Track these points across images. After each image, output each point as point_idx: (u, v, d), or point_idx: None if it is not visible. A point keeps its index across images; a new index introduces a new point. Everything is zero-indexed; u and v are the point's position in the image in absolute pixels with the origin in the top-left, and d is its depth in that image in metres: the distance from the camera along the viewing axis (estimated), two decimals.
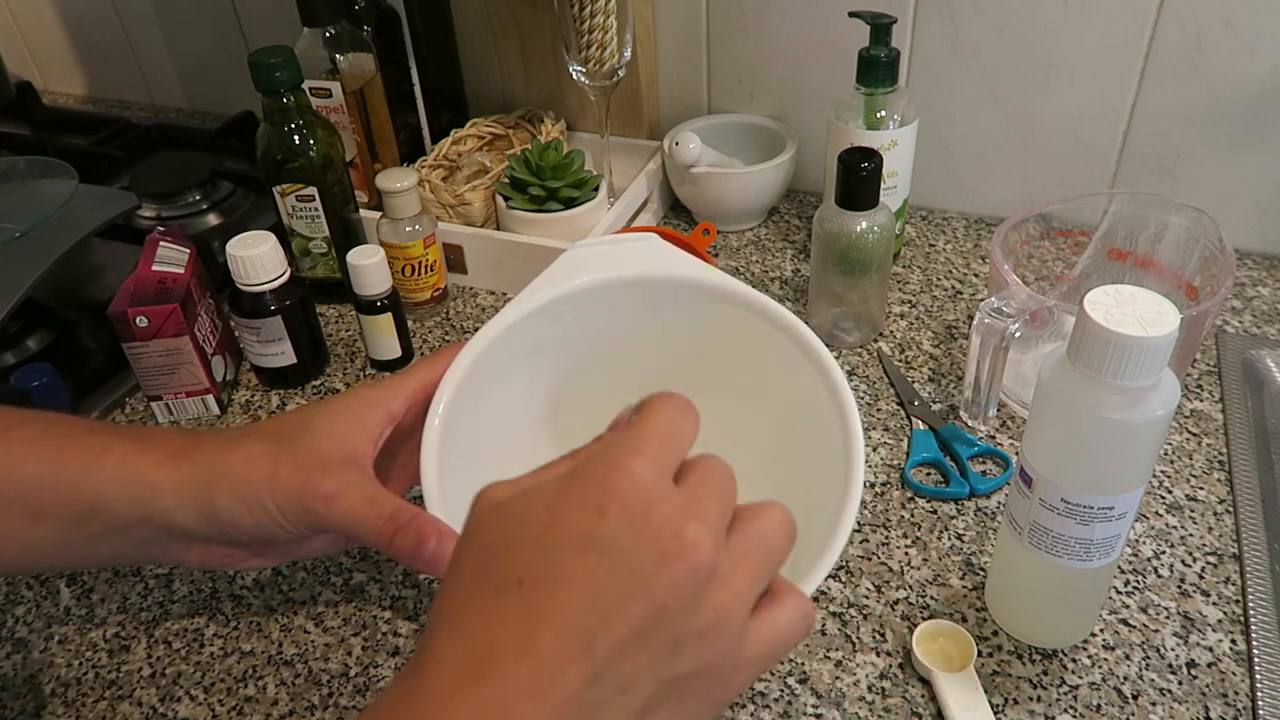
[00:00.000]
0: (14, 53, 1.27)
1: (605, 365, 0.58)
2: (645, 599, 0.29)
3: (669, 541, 0.29)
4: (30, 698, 0.56)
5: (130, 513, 0.46)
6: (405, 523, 0.44)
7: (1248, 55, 0.75)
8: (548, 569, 0.29)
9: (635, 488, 0.30)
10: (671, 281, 0.57)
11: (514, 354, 0.55)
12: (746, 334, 0.56)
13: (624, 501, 0.29)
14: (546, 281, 0.56)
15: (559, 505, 0.30)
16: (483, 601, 0.30)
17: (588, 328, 0.57)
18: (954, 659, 0.53)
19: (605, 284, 0.56)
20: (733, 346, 0.57)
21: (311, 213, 0.79)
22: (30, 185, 0.84)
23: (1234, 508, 0.62)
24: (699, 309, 0.57)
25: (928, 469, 0.66)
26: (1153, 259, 0.70)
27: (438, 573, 0.43)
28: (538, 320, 0.55)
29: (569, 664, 0.28)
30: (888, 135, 0.77)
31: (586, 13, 0.79)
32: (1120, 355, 0.42)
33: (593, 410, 0.57)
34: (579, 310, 0.57)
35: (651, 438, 0.32)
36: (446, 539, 0.43)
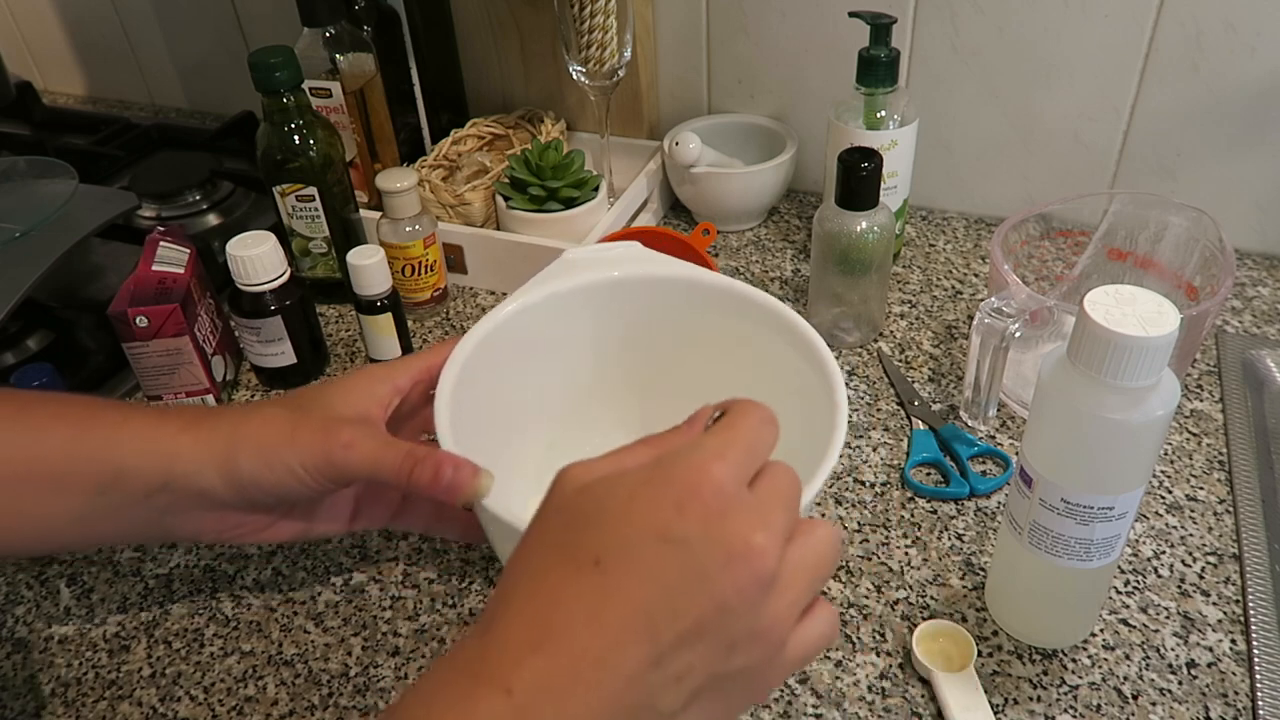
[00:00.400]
0: (14, 53, 1.27)
1: (593, 358, 0.61)
2: (710, 597, 0.31)
3: (738, 546, 0.31)
4: (30, 698, 0.56)
5: (152, 478, 0.47)
6: (422, 457, 0.46)
7: (1248, 55, 0.75)
8: (625, 554, 0.31)
9: (715, 491, 0.32)
10: (653, 279, 0.60)
11: (512, 344, 0.57)
12: (728, 323, 0.58)
13: (703, 502, 0.31)
14: (539, 281, 0.58)
15: (641, 496, 0.32)
16: (560, 574, 0.32)
17: (578, 325, 0.60)
18: (954, 659, 0.53)
19: (593, 284, 0.59)
20: (715, 334, 0.59)
21: (311, 213, 0.79)
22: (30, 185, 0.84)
23: (1234, 508, 0.62)
24: (683, 303, 0.60)
25: (928, 469, 0.66)
26: (1153, 259, 0.70)
27: (454, 500, 0.45)
28: (532, 315, 0.57)
29: (634, 644, 0.30)
30: (888, 135, 0.77)
31: (586, 13, 0.79)
32: (1120, 355, 0.42)
33: (586, 399, 0.60)
34: (572, 307, 0.59)
35: (736, 444, 0.34)
36: (463, 467, 0.45)
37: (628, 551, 0.31)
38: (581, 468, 0.35)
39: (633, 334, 0.61)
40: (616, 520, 0.32)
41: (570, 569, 0.31)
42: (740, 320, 0.58)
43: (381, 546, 0.63)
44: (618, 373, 0.63)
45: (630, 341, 0.61)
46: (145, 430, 0.48)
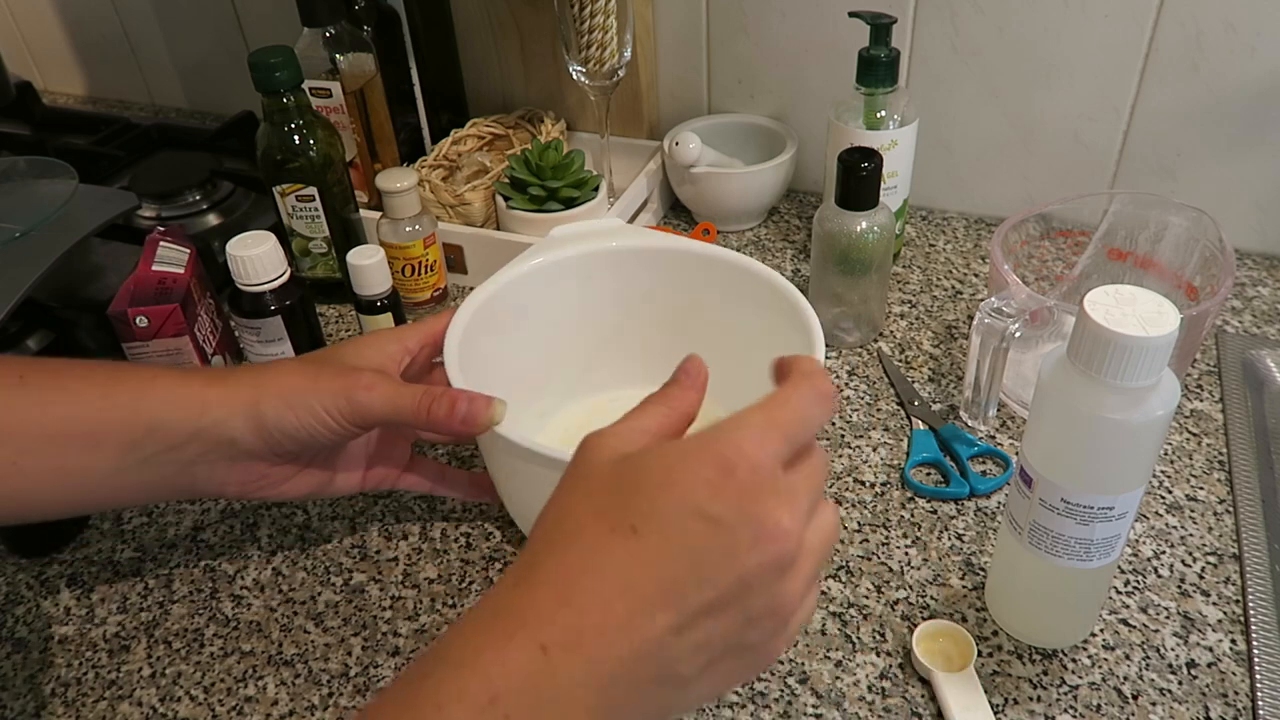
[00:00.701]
0: (14, 53, 1.27)
1: (580, 328, 0.66)
2: (736, 573, 0.33)
3: (768, 527, 0.33)
4: (30, 698, 0.56)
5: (182, 429, 0.49)
6: (439, 394, 0.50)
7: (1248, 55, 0.75)
8: (660, 524, 0.33)
9: (751, 471, 0.33)
10: (642, 250, 0.65)
11: (504, 314, 0.61)
12: (714, 290, 0.63)
13: (739, 482, 0.33)
14: (527, 255, 0.63)
15: (680, 470, 0.33)
16: (595, 536, 0.33)
17: (566, 295, 0.65)
18: (954, 659, 0.53)
19: (580, 255, 0.64)
20: (701, 300, 0.64)
21: (311, 213, 0.79)
22: (30, 185, 0.84)
23: (1234, 508, 0.62)
24: (670, 272, 0.65)
25: (928, 469, 0.66)
26: (1153, 259, 0.70)
27: (471, 430, 0.49)
28: (522, 285, 0.62)
29: (661, 610, 0.32)
30: (888, 135, 0.77)
31: (586, 13, 0.79)
32: (1120, 355, 0.42)
33: (574, 367, 0.66)
34: (559, 278, 0.64)
35: (781, 427, 0.35)
36: (477, 400, 0.49)
37: (664, 523, 0.33)
38: (614, 438, 0.36)
39: (621, 303, 0.65)
40: (655, 492, 0.33)
41: (606, 533, 0.33)
42: (726, 287, 0.62)
43: (381, 546, 0.63)
44: (604, 341, 0.67)
45: (619, 310, 0.66)
46: (173, 386, 0.50)
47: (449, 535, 0.63)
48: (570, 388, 0.68)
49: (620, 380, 0.67)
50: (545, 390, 0.66)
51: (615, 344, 0.67)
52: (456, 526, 0.64)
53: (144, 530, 0.66)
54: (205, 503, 0.67)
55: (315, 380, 0.50)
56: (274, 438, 0.50)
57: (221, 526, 0.65)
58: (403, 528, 0.64)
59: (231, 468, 0.51)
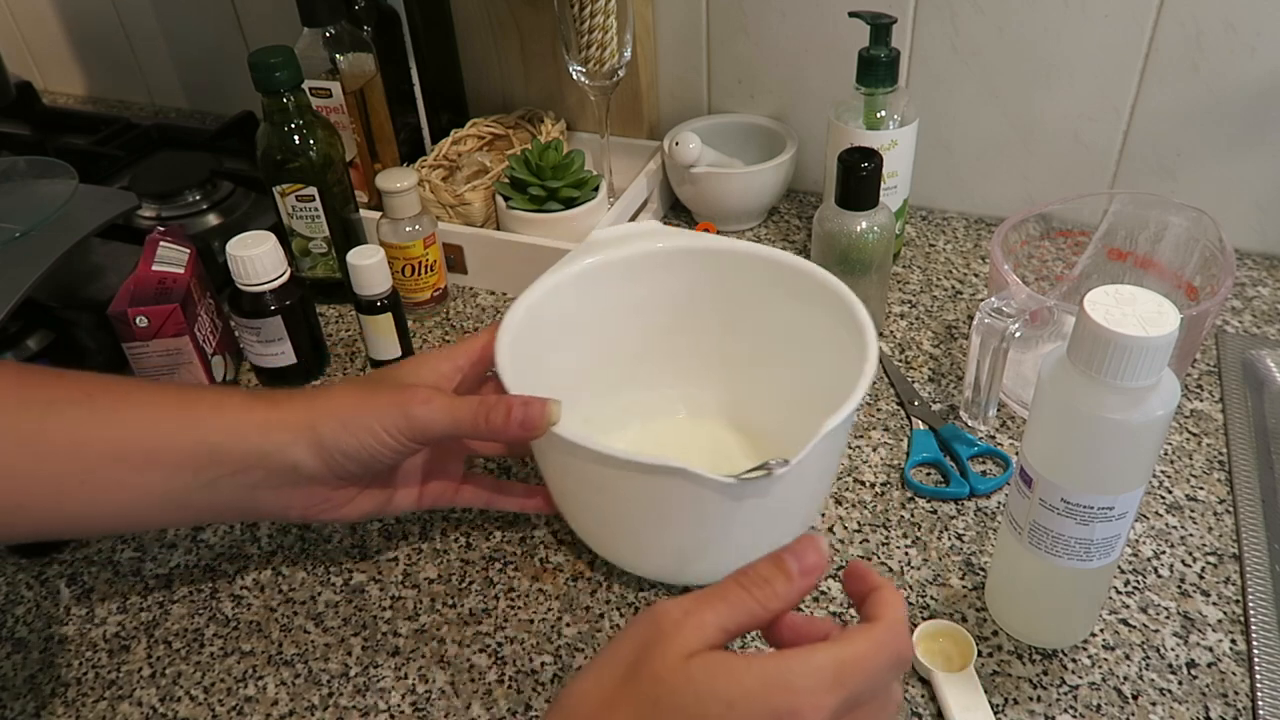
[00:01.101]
0: (14, 53, 1.27)
1: (626, 331, 0.66)
2: None
3: None
4: (30, 698, 0.56)
5: (247, 454, 0.50)
6: (494, 402, 0.51)
7: (1248, 55, 0.75)
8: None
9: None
10: (684, 250, 0.64)
11: (549, 322, 0.61)
12: (761, 289, 0.63)
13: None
14: (570, 260, 0.62)
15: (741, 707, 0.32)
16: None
17: (609, 299, 0.64)
18: (954, 659, 0.53)
19: (626, 257, 0.63)
20: (749, 299, 0.64)
21: (311, 213, 0.79)
22: (30, 185, 0.84)
23: (1234, 508, 0.62)
24: (718, 271, 0.64)
25: (928, 469, 0.66)
26: (1153, 259, 0.70)
27: (530, 433, 0.50)
28: (567, 288, 0.62)
29: None
30: (888, 135, 0.77)
31: (586, 13, 0.79)
32: (1120, 355, 0.42)
33: (620, 373, 0.66)
34: (603, 281, 0.63)
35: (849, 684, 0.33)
36: (533, 404, 0.50)
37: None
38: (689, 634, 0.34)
39: (667, 304, 0.65)
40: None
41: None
42: (774, 285, 0.62)
43: (382, 546, 0.63)
44: (650, 343, 0.67)
45: (664, 312, 0.65)
46: (237, 412, 0.51)
47: (449, 535, 0.63)
48: (617, 391, 0.67)
49: (666, 381, 0.68)
50: (591, 394, 0.65)
51: (660, 346, 0.67)
52: (456, 526, 0.64)
53: (144, 530, 0.66)
54: None
55: (371, 399, 0.51)
56: (335, 460, 0.51)
57: (221, 527, 0.65)
58: (403, 528, 0.64)
59: (295, 492, 0.52)
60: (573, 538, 0.62)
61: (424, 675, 0.55)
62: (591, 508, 0.56)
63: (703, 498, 0.49)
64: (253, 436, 0.50)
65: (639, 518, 0.54)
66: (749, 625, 0.36)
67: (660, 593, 0.59)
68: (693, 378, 0.68)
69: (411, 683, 0.55)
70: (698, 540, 0.53)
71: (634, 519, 0.54)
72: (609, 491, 0.53)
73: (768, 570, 0.36)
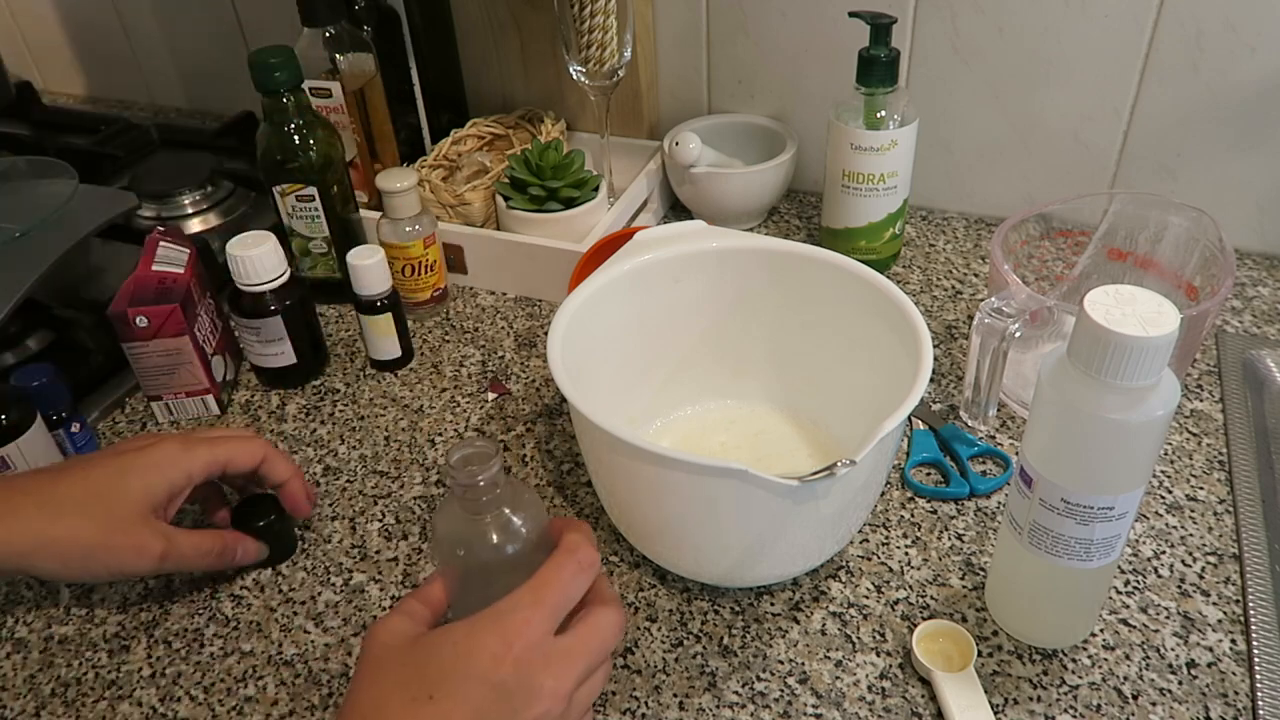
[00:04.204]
0: (14, 53, 1.27)
1: (673, 324, 0.66)
2: None
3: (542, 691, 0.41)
4: (30, 698, 0.56)
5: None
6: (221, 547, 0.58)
7: (1248, 55, 0.75)
8: (452, 691, 0.40)
9: (526, 644, 0.41)
10: (741, 249, 0.64)
11: (597, 316, 0.61)
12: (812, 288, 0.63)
13: (515, 654, 0.41)
14: (617, 261, 0.63)
15: (466, 643, 0.41)
16: (399, 705, 0.40)
17: (654, 295, 0.64)
18: (954, 659, 0.53)
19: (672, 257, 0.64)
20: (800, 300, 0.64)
21: (311, 213, 0.79)
22: (30, 185, 0.84)
23: (1234, 508, 0.62)
24: (771, 271, 0.64)
25: (928, 469, 0.66)
26: (1153, 259, 0.70)
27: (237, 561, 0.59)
28: (613, 290, 0.62)
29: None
30: (888, 135, 0.77)
31: (586, 13, 0.79)
32: (1120, 355, 0.42)
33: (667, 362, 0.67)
34: (651, 280, 0.64)
35: (548, 603, 0.42)
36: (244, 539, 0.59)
37: (455, 689, 0.40)
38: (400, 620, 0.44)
39: (713, 305, 0.65)
40: (448, 664, 0.40)
41: (408, 702, 0.40)
42: (823, 287, 0.62)
43: (381, 546, 0.63)
44: (696, 345, 0.67)
45: (713, 310, 0.66)
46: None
47: None
48: (665, 389, 0.67)
49: (715, 379, 0.68)
50: (639, 393, 0.66)
51: (708, 344, 0.67)
52: None
53: None
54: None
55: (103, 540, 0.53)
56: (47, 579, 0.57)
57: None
58: (403, 528, 0.64)
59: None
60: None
61: None
62: (646, 511, 0.56)
63: (763, 500, 0.49)
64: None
65: (695, 520, 0.53)
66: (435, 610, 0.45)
67: (673, 589, 0.59)
68: (742, 376, 0.68)
69: None
70: (757, 542, 0.53)
71: (690, 521, 0.53)
72: (666, 495, 0.52)
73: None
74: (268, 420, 0.74)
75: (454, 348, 0.80)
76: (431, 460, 0.69)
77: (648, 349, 0.65)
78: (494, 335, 0.81)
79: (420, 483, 0.68)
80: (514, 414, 0.73)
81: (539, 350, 0.79)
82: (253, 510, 0.61)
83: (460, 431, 0.72)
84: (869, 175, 0.78)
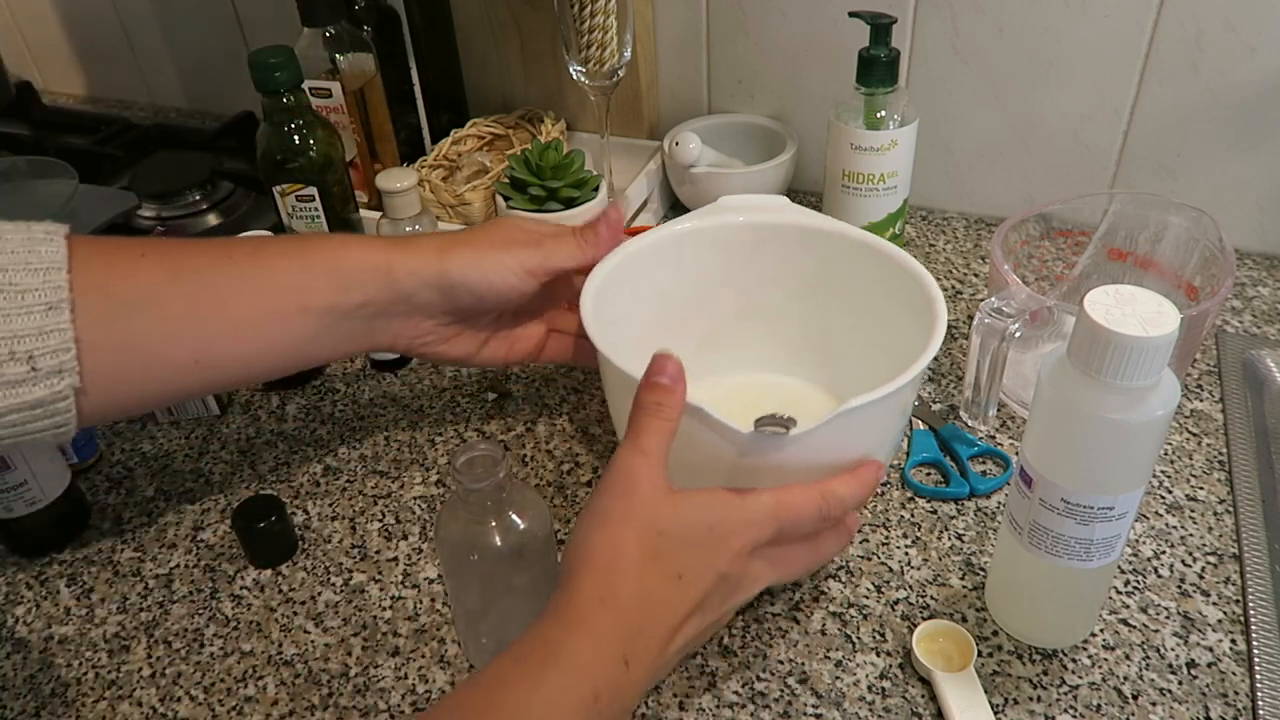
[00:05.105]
0: (14, 53, 1.27)
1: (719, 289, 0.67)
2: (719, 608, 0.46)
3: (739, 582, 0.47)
4: (30, 698, 0.56)
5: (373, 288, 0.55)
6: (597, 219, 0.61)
7: (1248, 55, 0.75)
8: (696, 577, 0.44)
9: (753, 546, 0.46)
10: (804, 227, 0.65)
11: (648, 269, 0.63)
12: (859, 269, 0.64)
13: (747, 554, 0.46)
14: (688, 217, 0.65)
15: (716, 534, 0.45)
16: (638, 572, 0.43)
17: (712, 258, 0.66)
18: (954, 659, 0.53)
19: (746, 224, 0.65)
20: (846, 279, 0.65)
21: (311, 213, 0.79)
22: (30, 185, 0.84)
23: (1234, 508, 0.62)
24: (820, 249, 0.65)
25: (928, 469, 0.66)
26: (1153, 259, 0.70)
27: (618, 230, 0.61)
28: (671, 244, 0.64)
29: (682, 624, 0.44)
30: (888, 135, 0.77)
31: (586, 13, 0.79)
32: (1120, 355, 0.42)
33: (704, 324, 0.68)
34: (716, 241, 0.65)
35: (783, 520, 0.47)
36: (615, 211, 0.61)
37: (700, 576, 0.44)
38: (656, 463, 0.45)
39: (770, 280, 0.66)
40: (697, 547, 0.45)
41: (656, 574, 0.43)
42: (865, 265, 0.62)
43: (381, 546, 0.63)
44: (738, 313, 0.68)
45: (765, 287, 0.67)
46: (362, 251, 0.56)
47: None
48: (699, 354, 0.66)
49: (745, 354, 0.69)
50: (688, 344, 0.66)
51: (741, 320, 0.68)
52: None
53: (144, 530, 0.66)
54: (205, 502, 0.67)
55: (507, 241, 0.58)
56: (455, 292, 0.57)
57: (221, 526, 0.65)
58: (403, 528, 0.64)
59: (406, 323, 0.58)
60: None
61: (424, 675, 0.55)
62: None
63: (718, 446, 0.49)
64: (379, 269, 0.55)
65: (683, 458, 0.51)
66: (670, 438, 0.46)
67: None
68: (777, 350, 0.69)
69: (411, 683, 0.55)
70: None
71: (680, 462, 0.52)
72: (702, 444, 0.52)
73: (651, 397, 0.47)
74: (268, 420, 0.74)
75: None
76: (431, 460, 0.69)
77: (680, 317, 0.66)
78: None
79: (420, 483, 0.68)
80: (514, 414, 0.73)
81: None
82: (253, 510, 0.61)
83: (460, 431, 0.72)
84: (869, 175, 0.78)
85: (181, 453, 0.72)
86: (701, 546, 0.45)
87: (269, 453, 0.71)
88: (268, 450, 0.71)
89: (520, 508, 0.50)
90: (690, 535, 0.44)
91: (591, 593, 0.42)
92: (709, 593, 0.45)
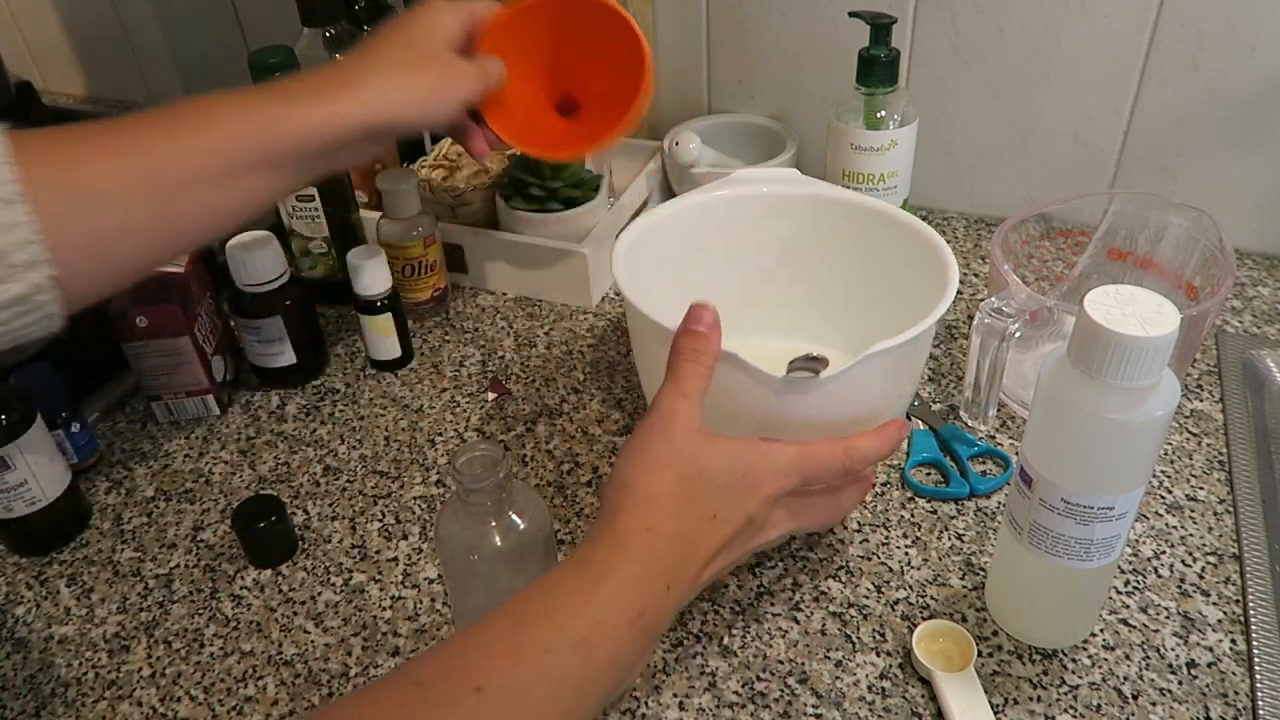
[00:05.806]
0: (14, 53, 1.27)
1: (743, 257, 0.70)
2: (743, 547, 0.49)
3: (761, 527, 0.49)
4: (30, 698, 0.56)
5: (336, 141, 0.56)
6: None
7: (1248, 55, 0.75)
8: (729, 518, 0.47)
9: (770, 496, 0.48)
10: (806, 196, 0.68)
11: (675, 233, 0.66)
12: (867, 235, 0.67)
13: (763, 501, 0.48)
14: (710, 188, 0.68)
15: (748, 481, 0.47)
16: (695, 520, 0.46)
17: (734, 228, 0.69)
18: (954, 659, 0.53)
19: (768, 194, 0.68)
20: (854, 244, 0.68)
21: (311, 213, 0.79)
22: None
23: (1234, 508, 0.62)
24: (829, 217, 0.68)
25: (928, 469, 0.66)
26: (1153, 259, 0.70)
27: None
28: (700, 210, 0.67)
29: (710, 560, 0.47)
30: (888, 135, 0.77)
31: None
32: (1120, 355, 0.42)
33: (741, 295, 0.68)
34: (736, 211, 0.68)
35: (807, 471, 0.49)
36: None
37: (732, 517, 0.47)
38: (693, 409, 0.48)
39: (788, 247, 0.69)
40: (731, 495, 0.47)
41: (697, 519, 0.46)
42: (877, 232, 0.65)
43: (381, 546, 0.63)
44: (757, 282, 0.70)
45: (783, 254, 0.69)
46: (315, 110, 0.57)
47: None
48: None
49: (774, 321, 0.70)
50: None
51: (767, 284, 0.70)
52: None
53: (144, 530, 0.66)
54: (205, 502, 0.67)
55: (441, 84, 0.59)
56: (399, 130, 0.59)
57: (221, 526, 0.65)
58: (403, 528, 0.64)
59: (360, 155, 0.60)
60: (575, 531, 0.62)
61: None
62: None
63: (752, 390, 0.52)
64: (340, 128, 0.56)
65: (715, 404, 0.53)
66: (706, 383, 0.49)
67: None
68: (808, 317, 0.70)
69: None
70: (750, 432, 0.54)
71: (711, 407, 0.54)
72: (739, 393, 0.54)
73: (689, 343, 0.49)
74: (268, 420, 0.74)
75: (454, 348, 0.80)
76: (431, 460, 0.69)
77: (699, 283, 0.65)
78: (494, 335, 0.81)
79: (420, 483, 0.68)
80: (514, 414, 0.73)
81: (539, 350, 0.79)
82: (253, 510, 0.61)
83: (460, 431, 0.72)
84: (869, 175, 0.78)
85: (181, 453, 0.72)
86: (733, 491, 0.47)
87: (269, 453, 0.71)
88: (268, 450, 0.71)
89: (520, 508, 0.50)
90: (724, 480, 0.47)
91: (638, 523, 0.45)
92: (736, 533, 0.47)
